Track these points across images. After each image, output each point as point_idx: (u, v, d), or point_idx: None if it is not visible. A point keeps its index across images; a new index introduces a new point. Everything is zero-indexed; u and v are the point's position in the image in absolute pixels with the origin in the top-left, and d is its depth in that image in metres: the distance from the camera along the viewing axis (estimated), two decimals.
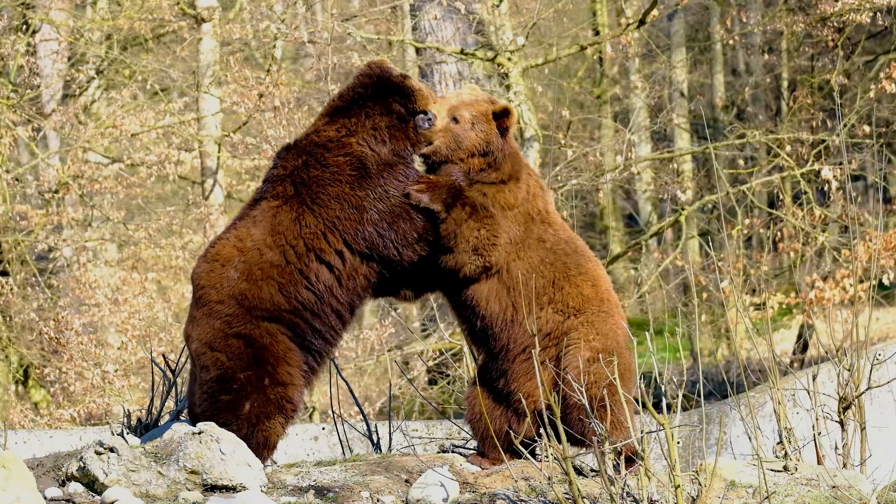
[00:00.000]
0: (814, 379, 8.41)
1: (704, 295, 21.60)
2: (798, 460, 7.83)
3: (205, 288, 7.26)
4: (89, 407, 18.15)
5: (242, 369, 7.11)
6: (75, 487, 6.85)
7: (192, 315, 7.34)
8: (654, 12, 19.41)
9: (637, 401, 7.13)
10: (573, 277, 7.48)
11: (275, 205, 7.30)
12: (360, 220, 7.26)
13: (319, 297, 7.26)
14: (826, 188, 19.56)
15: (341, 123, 7.42)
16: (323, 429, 11.29)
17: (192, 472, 6.79)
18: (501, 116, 7.57)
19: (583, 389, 6.97)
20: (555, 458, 6.83)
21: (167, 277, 21.25)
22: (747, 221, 21.72)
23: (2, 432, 10.03)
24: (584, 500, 6.74)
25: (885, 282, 19.24)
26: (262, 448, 7.13)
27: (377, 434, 9.22)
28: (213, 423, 6.94)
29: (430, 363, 19.70)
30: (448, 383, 19.23)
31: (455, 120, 7.58)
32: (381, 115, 7.42)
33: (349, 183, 7.29)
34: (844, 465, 8.10)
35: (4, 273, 20.65)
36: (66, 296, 20.85)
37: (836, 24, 21.06)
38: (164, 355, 9.21)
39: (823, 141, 19.78)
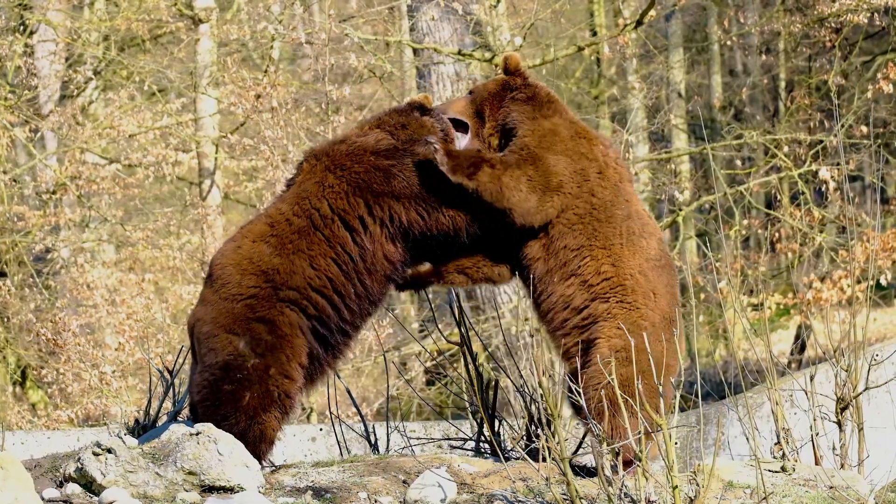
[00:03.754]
0: (811, 379, 8.42)
1: (702, 295, 21.61)
2: (796, 461, 7.84)
3: (226, 267, 7.23)
4: (87, 408, 18.13)
5: (255, 356, 7.07)
6: (73, 488, 6.84)
7: (205, 297, 7.28)
8: (652, 13, 19.43)
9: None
10: (596, 249, 7.24)
11: (299, 179, 7.41)
12: (387, 183, 7.28)
13: (346, 273, 7.24)
14: (824, 189, 19.58)
15: (365, 126, 7.58)
16: (320, 430, 11.29)
17: (190, 473, 6.79)
18: (505, 65, 7.60)
19: (584, 392, 6.91)
20: (553, 459, 6.82)
21: (165, 278, 21.24)
22: (745, 222, 21.75)
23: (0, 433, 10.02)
24: (582, 500, 6.73)
25: (883, 282, 19.26)
26: (260, 442, 7.09)
27: (375, 435, 9.22)
28: (210, 424, 6.93)
29: (428, 364, 19.71)
30: (445, 384, 19.23)
31: (470, 93, 7.62)
32: (398, 114, 7.57)
33: (374, 153, 7.35)
34: (842, 466, 8.10)
35: (2, 274, 20.64)
36: (63, 297, 20.83)
37: (833, 24, 21.07)
38: (161, 356, 9.20)
39: (821, 141, 19.80)
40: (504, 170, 7.21)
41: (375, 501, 6.95)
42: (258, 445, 7.07)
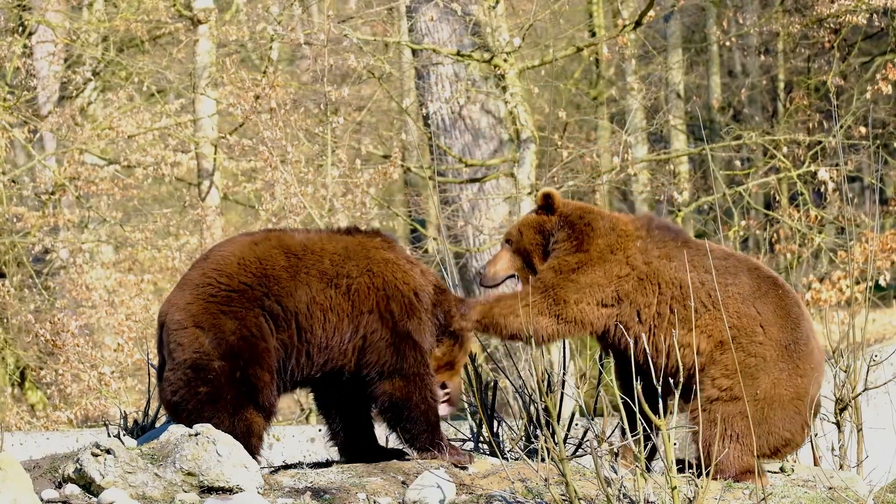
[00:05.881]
0: None
1: None
2: (795, 462, 7.84)
3: (229, 256, 7.20)
4: (86, 409, 18.13)
5: (219, 358, 7.06)
6: (72, 489, 6.84)
7: (186, 279, 7.25)
8: (651, 14, 19.42)
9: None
10: (685, 323, 7.40)
11: (343, 264, 7.35)
12: (385, 329, 7.40)
13: (300, 355, 7.33)
14: (822, 189, 19.59)
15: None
16: (319, 430, 11.28)
17: (189, 474, 6.78)
18: (543, 202, 7.72)
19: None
20: (551, 460, 6.82)
21: (163, 279, 21.23)
22: (744, 223, 21.74)
23: None
24: (581, 501, 6.73)
25: (882, 283, 19.26)
26: (249, 437, 7.07)
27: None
28: (209, 425, 6.93)
29: None
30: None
31: (508, 241, 7.76)
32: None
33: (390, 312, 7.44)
34: (841, 467, 8.10)
35: (1, 275, 20.64)
36: (62, 297, 20.83)
37: (832, 25, 21.08)
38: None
39: (820, 142, 19.81)
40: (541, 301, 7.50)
41: (374, 502, 6.95)
42: (248, 440, 7.04)
